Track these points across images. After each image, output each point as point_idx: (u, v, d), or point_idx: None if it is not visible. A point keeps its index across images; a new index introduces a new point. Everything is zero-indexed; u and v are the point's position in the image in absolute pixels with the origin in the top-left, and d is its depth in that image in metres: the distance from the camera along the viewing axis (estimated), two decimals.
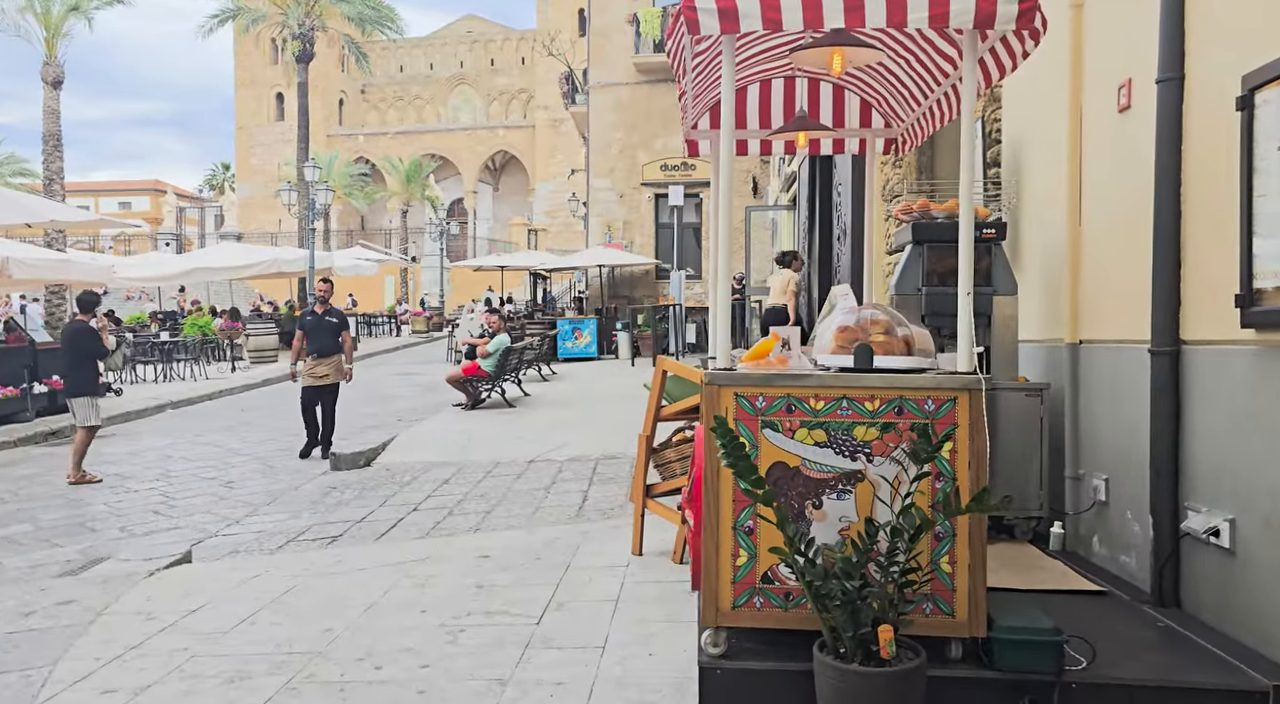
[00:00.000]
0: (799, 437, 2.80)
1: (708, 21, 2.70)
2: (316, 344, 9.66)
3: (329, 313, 9.86)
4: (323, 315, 9.78)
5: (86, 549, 6.22)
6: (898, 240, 4.77)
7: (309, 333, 9.67)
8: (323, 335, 9.67)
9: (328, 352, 9.68)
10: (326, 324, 9.73)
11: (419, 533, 6.15)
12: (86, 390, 8.75)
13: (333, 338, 9.72)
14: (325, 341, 9.68)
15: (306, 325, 9.72)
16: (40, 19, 18.50)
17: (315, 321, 9.72)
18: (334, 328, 9.77)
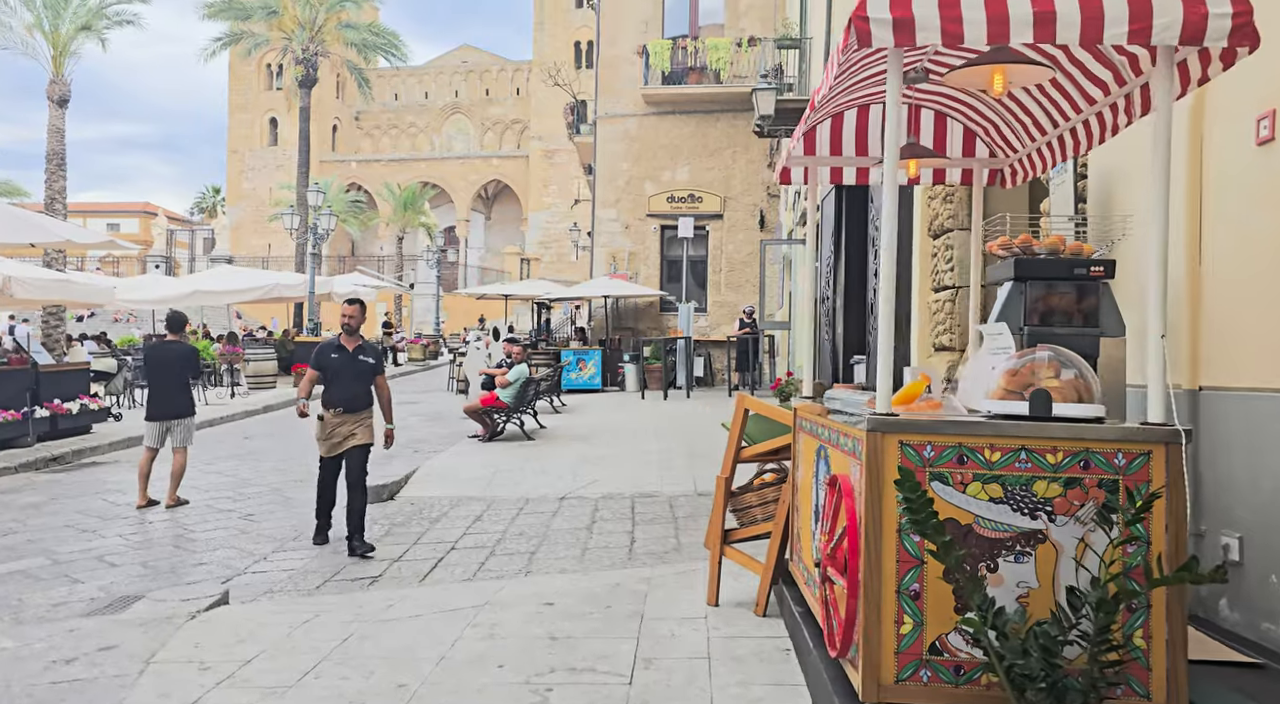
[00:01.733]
0: (972, 491, 2.55)
1: (880, 33, 2.48)
2: (343, 393, 6.72)
3: (362, 349, 6.92)
4: (354, 353, 6.84)
5: (109, 586, 5.89)
6: (993, 276, 4.55)
7: (332, 377, 6.78)
8: (352, 381, 6.79)
9: (359, 404, 6.81)
10: (359, 366, 6.84)
11: (464, 574, 5.85)
12: (192, 410, 8.88)
13: (366, 384, 6.88)
14: (356, 390, 6.80)
15: (330, 366, 6.80)
16: (49, 37, 18.30)
17: (343, 361, 6.79)
18: (368, 371, 6.90)
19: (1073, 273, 4.30)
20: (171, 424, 8.59)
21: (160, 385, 8.64)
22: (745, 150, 22.22)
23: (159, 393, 8.62)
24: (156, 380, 8.64)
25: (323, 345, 7.07)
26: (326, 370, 6.83)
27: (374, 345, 7.16)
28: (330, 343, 7.02)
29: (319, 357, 6.92)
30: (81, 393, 12.62)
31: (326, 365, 6.84)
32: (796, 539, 4.04)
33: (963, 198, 7.86)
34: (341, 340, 6.94)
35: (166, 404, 8.62)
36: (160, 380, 8.65)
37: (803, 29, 17.48)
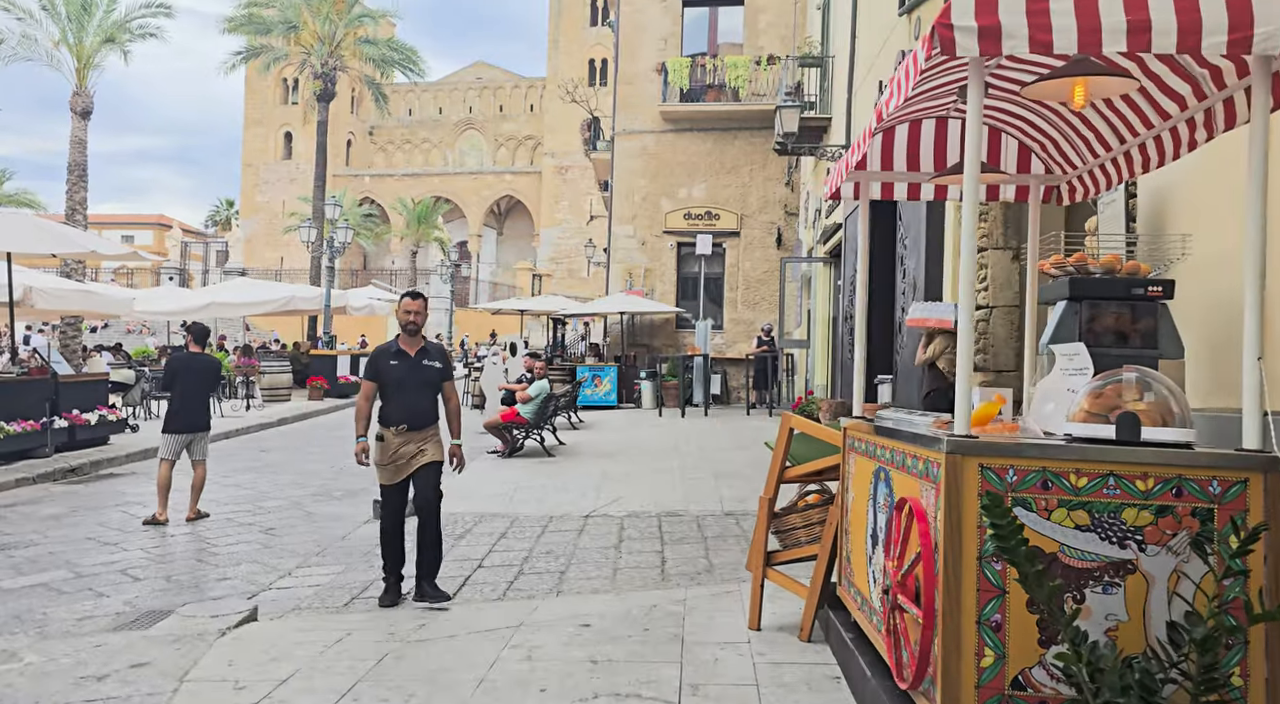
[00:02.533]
0: (1057, 518, 2.45)
1: (965, 41, 2.40)
2: (406, 407, 5.62)
3: (426, 352, 5.77)
4: (417, 358, 5.69)
5: (133, 600, 5.81)
6: (1045, 295, 4.45)
7: (393, 388, 5.65)
8: (416, 391, 5.66)
9: (426, 419, 5.69)
10: (424, 374, 5.69)
11: (494, 593, 5.74)
12: (210, 424, 8.82)
13: (432, 395, 5.74)
14: (422, 402, 5.67)
15: (389, 375, 5.65)
16: (73, 50, 18.40)
17: (405, 369, 5.66)
18: (434, 378, 5.74)
19: (1130, 292, 4.20)
20: (193, 437, 8.50)
21: (186, 398, 8.51)
22: (763, 168, 22.19)
23: (185, 405, 8.48)
24: (184, 392, 8.50)
25: (378, 352, 5.86)
26: (385, 381, 5.67)
27: (439, 346, 5.95)
28: (387, 348, 5.81)
29: (375, 365, 5.73)
30: (100, 404, 12.57)
31: (385, 375, 5.67)
32: (847, 563, 3.93)
33: (996, 216, 7.78)
34: (401, 343, 5.73)
35: (191, 417, 8.50)
36: (187, 393, 8.52)
37: (824, 47, 17.46)
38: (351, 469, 11.44)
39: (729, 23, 23.27)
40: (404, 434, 5.63)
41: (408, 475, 5.68)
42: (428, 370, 5.76)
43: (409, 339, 5.77)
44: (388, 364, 5.72)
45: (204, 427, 8.59)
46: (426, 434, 5.72)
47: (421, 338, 5.81)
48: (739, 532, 7.33)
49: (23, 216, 12.03)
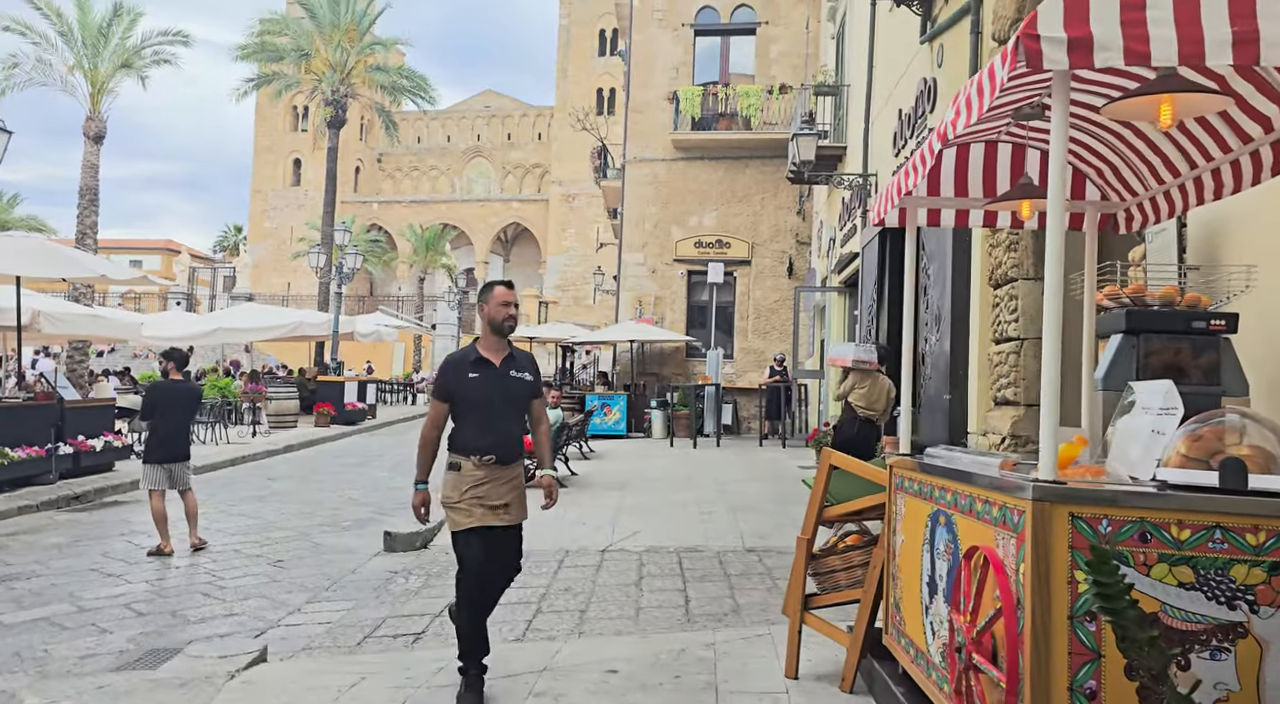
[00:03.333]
0: (1157, 574, 2.24)
1: (1054, 54, 2.22)
2: (494, 432, 4.34)
3: (514, 361, 4.45)
4: (504, 368, 4.40)
5: (138, 637, 5.58)
6: (1101, 328, 4.25)
7: (475, 407, 4.33)
8: (505, 412, 4.41)
9: (515, 449, 4.45)
10: (514, 389, 4.44)
11: (513, 633, 5.52)
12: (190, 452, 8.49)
13: (522, 417, 4.59)
14: (510, 425, 4.46)
15: (468, 391, 4.33)
16: (88, 75, 18.43)
17: (490, 382, 4.35)
18: (524, 395, 4.52)
19: (1190, 326, 4.01)
20: (175, 467, 8.21)
21: (171, 426, 8.21)
22: (774, 196, 22.11)
23: (168, 434, 8.16)
24: (168, 420, 8.20)
25: (451, 363, 4.43)
26: (462, 400, 4.32)
27: (528, 354, 4.60)
28: (463, 357, 4.40)
29: (449, 376, 4.37)
30: (106, 429, 12.38)
31: (463, 392, 4.31)
32: (896, 611, 3.70)
33: (1027, 246, 7.59)
34: (482, 349, 4.37)
35: (174, 446, 8.19)
36: (171, 420, 8.22)
37: (839, 76, 17.40)
38: (359, 499, 11.24)
39: (740, 52, 23.28)
40: (489, 468, 4.28)
41: (499, 531, 4.33)
42: (517, 385, 4.42)
43: (496, 343, 4.38)
44: (466, 377, 4.30)
45: (186, 455, 8.31)
46: (514, 473, 4.43)
47: (508, 343, 4.45)
48: (763, 569, 7.10)
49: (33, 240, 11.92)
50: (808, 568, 4.37)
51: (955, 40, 9.25)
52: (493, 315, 4.40)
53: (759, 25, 22.78)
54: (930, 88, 9.99)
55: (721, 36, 23.27)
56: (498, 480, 4.34)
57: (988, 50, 8.22)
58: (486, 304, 4.42)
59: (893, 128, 11.87)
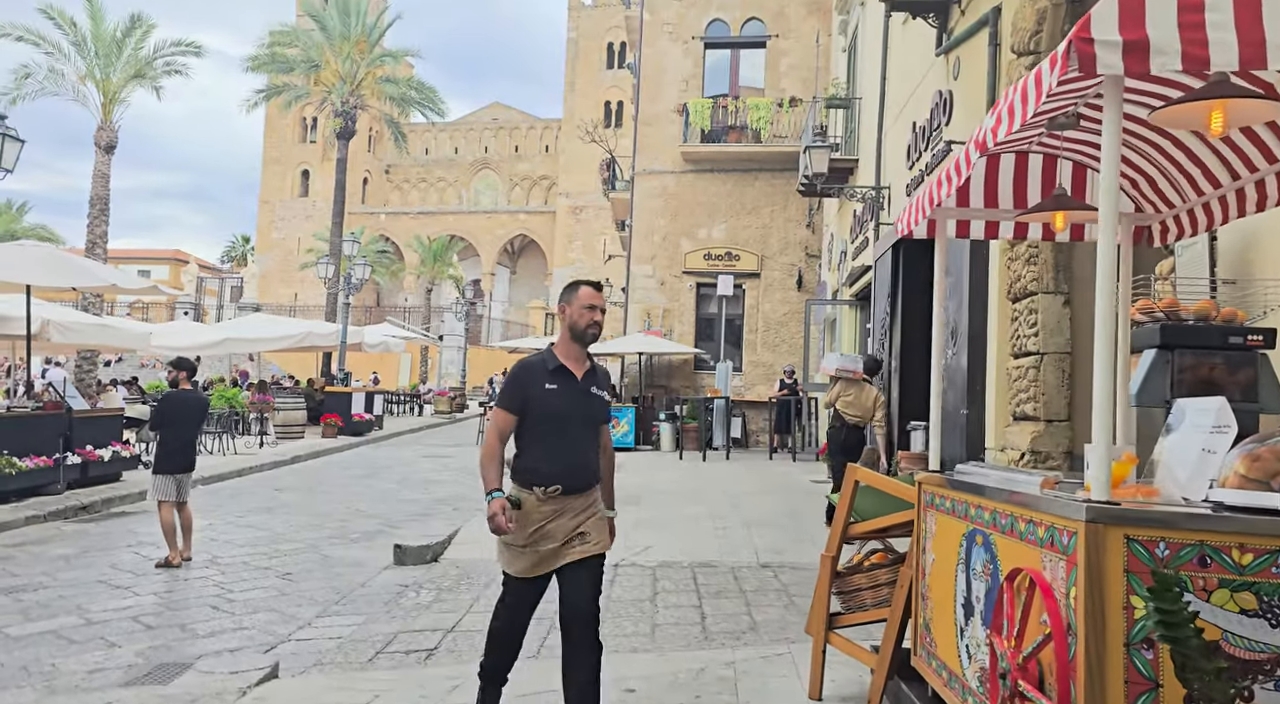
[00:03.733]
0: (1218, 600, 2.15)
1: (1108, 58, 2.15)
2: (566, 456, 3.73)
3: (594, 376, 3.87)
4: (585, 382, 3.80)
5: (146, 651, 5.49)
6: (1135, 343, 4.16)
7: (548, 425, 3.71)
8: (581, 433, 3.79)
9: (588, 478, 3.80)
10: (592, 405, 3.85)
11: (526, 651, 5.35)
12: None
13: (597, 442, 3.89)
14: (586, 449, 3.80)
15: (544, 404, 3.70)
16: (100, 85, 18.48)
17: (570, 396, 3.75)
18: (600, 414, 3.93)
19: (1227, 341, 3.93)
20: (184, 478, 8.16)
21: (182, 436, 8.18)
22: (783, 209, 22.05)
23: (182, 444, 8.15)
24: (179, 430, 8.17)
25: (525, 369, 3.77)
26: (534, 414, 3.67)
27: (605, 369, 4.02)
28: (539, 364, 3.75)
29: (522, 388, 3.69)
30: (114, 439, 12.33)
31: (538, 405, 3.66)
32: (926, 632, 3.61)
33: (1047, 260, 7.51)
34: (562, 357, 3.74)
35: (187, 456, 8.18)
36: (182, 430, 8.21)
37: (850, 89, 17.36)
38: (368, 511, 11.15)
39: (750, 65, 23.27)
40: (555, 500, 3.65)
41: (558, 567, 3.69)
42: (597, 405, 3.84)
43: (577, 352, 3.77)
44: (542, 389, 3.66)
45: (193, 466, 8.31)
46: (588, 502, 3.75)
47: (588, 354, 3.86)
48: (778, 585, 7.00)
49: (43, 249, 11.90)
50: (832, 586, 4.28)
51: (972, 52, 9.19)
52: (575, 319, 3.75)
53: (769, 39, 22.78)
54: (946, 100, 9.93)
55: (731, 50, 23.28)
56: (567, 513, 3.66)
57: (1006, 62, 8.16)
58: (569, 305, 3.79)
59: (906, 141, 11.81)
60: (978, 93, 8.97)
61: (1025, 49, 7.65)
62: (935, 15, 10.24)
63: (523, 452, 3.74)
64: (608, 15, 63.04)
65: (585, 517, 3.74)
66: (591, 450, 3.83)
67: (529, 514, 3.66)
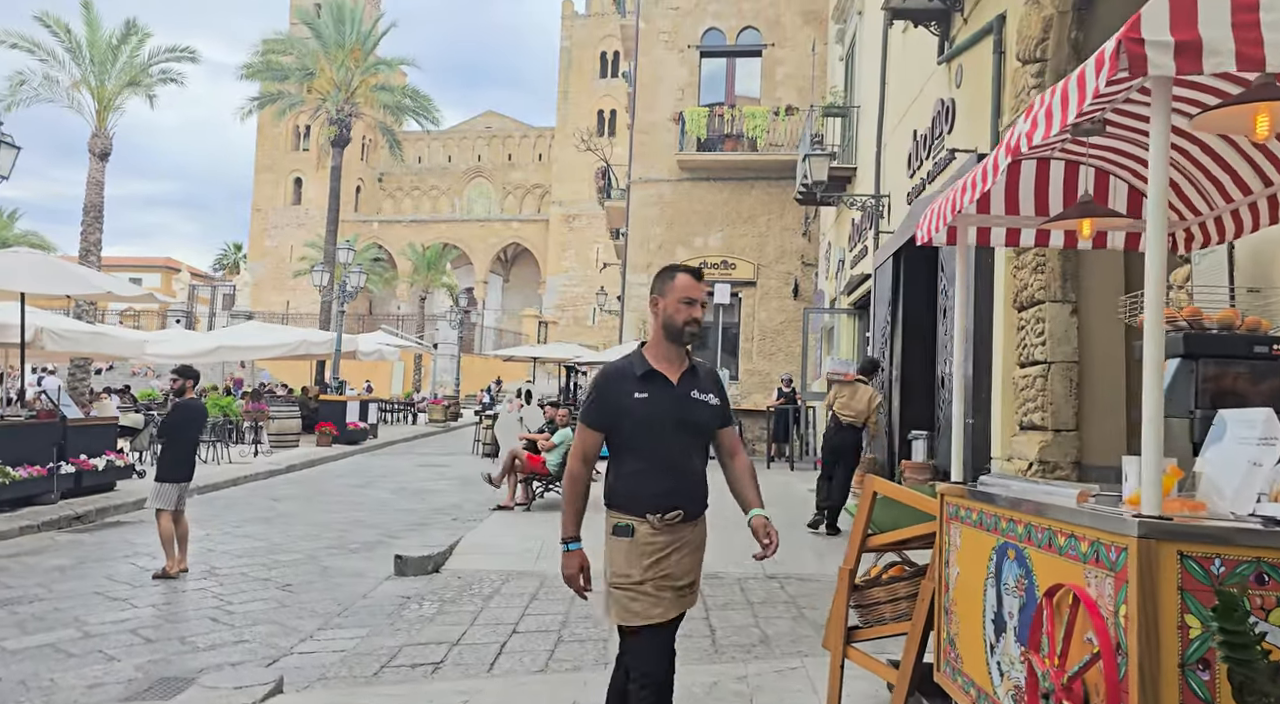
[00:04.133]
0: (1276, 619, 2.08)
1: (1159, 58, 2.09)
2: (677, 475, 3.17)
3: (695, 376, 3.25)
4: (683, 386, 3.19)
5: (146, 665, 5.39)
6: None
7: (647, 437, 3.14)
8: (689, 446, 3.22)
9: (701, 496, 3.29)
10: (697, 412, 3.22)
11: (535, 664, 5.33)
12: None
13: (704, 456, 3.32)
14: (695, 464, 3.25)
15: (637, 415, 3.12)
16: (95, 92, 18.39)
17: (668, 402, 3.15)
18: (708, 424, 3.28)
19: (1252, 351, 3.88)
20: (185, 487, 8.07)
21: (189, 445, 8.14)
22: (780, 218, 22.06)
23: (188, 453, 8.10)
24: (186, 439, 8.12)
25: (611, 374, 3.22)
26: (626, 426, 3.14)
27: (711, 369, 3.33)
28: (626, 367, 3.19)
29: (608, 394, 3.16)
30: (108, 448, 12.20)
31: (627, 415, 3.12)
32: (950, 647, 3.53)
33: (1054, 268, 7.47)
34: (652, 359, 3.18)
35: (191, 465, 8.12)
36: (189, 439, 8.16)
37: (848, 97, 17.36)
38: (366, 521, 11.03)
39: (746, 74, 23.30)
40: (672, 529, 3.10)
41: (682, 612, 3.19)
42: (701, 411, 3.19)
43: (672, 352, 3.18)
44: (631, 398, 3.09)
45: (193, 475, 8.24)
46: (701, 534, 3.30)
47: (687, 353, 3.25)
48: (785, 597, 6.92)
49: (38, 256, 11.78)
50: (849, 599, 4.20)
51: (975, 61, 9.17)
52: (671, 315, 3.13)
53: (764, 47, 22.81)
54: (948, 108, 9.91)
55: (727, 58, 23.31)
56: (685, 547, 3.10)
57: (1010, 70, 8.14)
58: (663, 297, 3.16)
59: (907, 149, 11.79)
60: (981, 101, 8.94)
61: (1031, 57, 7.63)
62: (937, 24, 10.23)
63: (619, 473, 3.18)
64: (601, 24, 63.18)
65: (698, 557, 3.23)
66: (700, 464, 3.24)
67: (643, 545, 3.07)
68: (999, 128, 8.33)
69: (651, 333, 3.30)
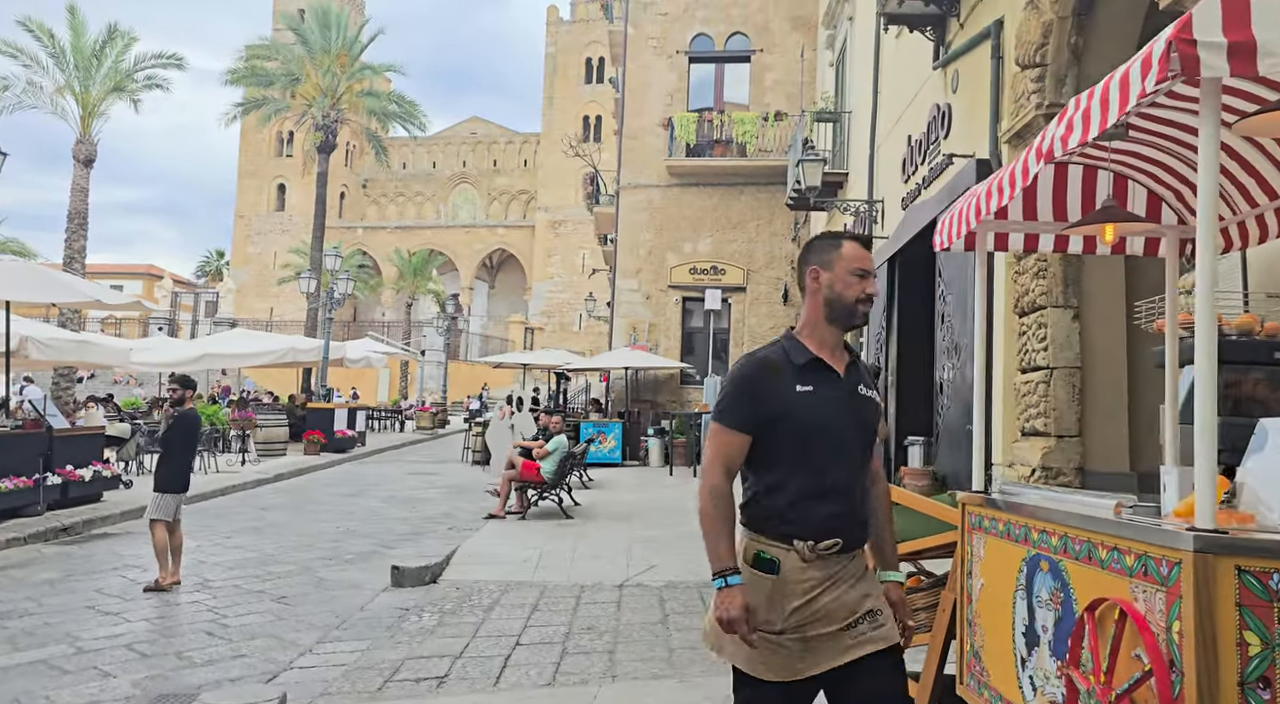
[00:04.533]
0: None
1: (1212, 59, 2.04)
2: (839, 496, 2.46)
3: (858, 370, 2.61)
4: (850, 379, 2.56)
5: (144, 681, 5.27)
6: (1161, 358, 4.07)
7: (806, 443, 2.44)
8: (856, 455, 2.53)
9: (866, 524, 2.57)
10: (866, 410, 2.57)
11: (541, 677, 5.24)
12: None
13: (869, 468, 2.61)
14: (861, 479, 2.55)
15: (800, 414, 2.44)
16: (79, 98, 18.19)
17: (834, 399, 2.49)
18: (874, 429, 2.62)
19: (1274, 357, 3.85)
20: (182, 497, 7.99)
21: (189, 455, 8.11)
22: (769, 223, 22.04)
23: (188, 463, 8.07)
24: (187, 449, 8.07)
25: (761, 362, 2.54)
26: (781, 428, 2.47)
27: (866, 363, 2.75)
28: (779, 355, 2.55)
29: (759, 387, 2.49)
30: (95, 459, 12.02)
31: (781, 416, 2.47)
32: (975, 659, 3.47)
33: (1056, 273, 7.45)
34: (811, 345, 2.56)
35: (189, 476, 8.09)
36: (190, 449, 8.13)
37: (838, 102, 17.37)
38: (359, 530, 10.91)
39: (735, 79, 23.29)
40: (827, 561, 2.45)
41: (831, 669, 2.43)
42: (868, 411, 2.59)
43: (835, 338, 2.58)
44: (792, 393, 2.46)
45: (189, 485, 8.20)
46: (864, 564, 2.59)
47: (846, 346, 2.65)
48: None
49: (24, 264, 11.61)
50: None
51: (972, 66, 9.16)
52: (840, 291, 2.52)
53: (753, 53, 22.81)
54: (944, 113, 9.89)
55: (716, 64, 23.29)
56: (844, 579, 2.46)
57: (1009, 75, 8.12)
58: (827, 269, 2.54)
59: (901, 154, 11.78)
60: (978, 105, 8.93)
61: (1030, 62, 7.61)
62: (932, 29, 10.23)
63: (766, 488, 2.48)
64: (586, 31, 63.21)
65: (870, 584, 2.52)
66: (865, 478, 2.59)
67: (790, 584, 2.41)
68: (997, 133, 8.32)
69: (806, 314, 2.59)
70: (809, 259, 2.62)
